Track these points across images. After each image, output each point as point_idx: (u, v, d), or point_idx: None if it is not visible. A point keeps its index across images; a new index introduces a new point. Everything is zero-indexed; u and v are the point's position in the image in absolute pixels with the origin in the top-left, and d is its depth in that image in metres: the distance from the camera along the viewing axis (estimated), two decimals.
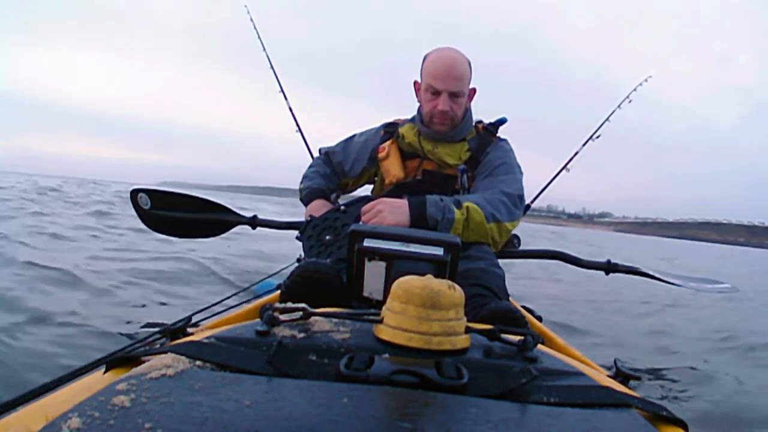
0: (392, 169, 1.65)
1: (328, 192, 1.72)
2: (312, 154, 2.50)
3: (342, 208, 1.45)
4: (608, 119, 2.69)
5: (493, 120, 1.68)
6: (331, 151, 1.83)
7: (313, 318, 0.63)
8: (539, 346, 0.64)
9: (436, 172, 1.62)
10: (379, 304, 0.86)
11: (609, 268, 1.92)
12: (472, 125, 1.65)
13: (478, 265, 1.34)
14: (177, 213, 2.04)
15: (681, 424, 0.51)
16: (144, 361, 0.52)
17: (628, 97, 2.74)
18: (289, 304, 0.64)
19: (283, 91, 2.80)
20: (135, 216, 2.09)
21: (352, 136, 1.82)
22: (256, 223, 2.09)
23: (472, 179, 1.58)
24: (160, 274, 3.28)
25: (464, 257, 1.33)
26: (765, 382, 2.09)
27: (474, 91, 1.61)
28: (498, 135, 1.66)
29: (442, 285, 0.58)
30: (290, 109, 2.77)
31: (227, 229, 2.13)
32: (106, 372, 0.55)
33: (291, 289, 1.02)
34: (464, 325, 0.59)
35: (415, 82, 1.62)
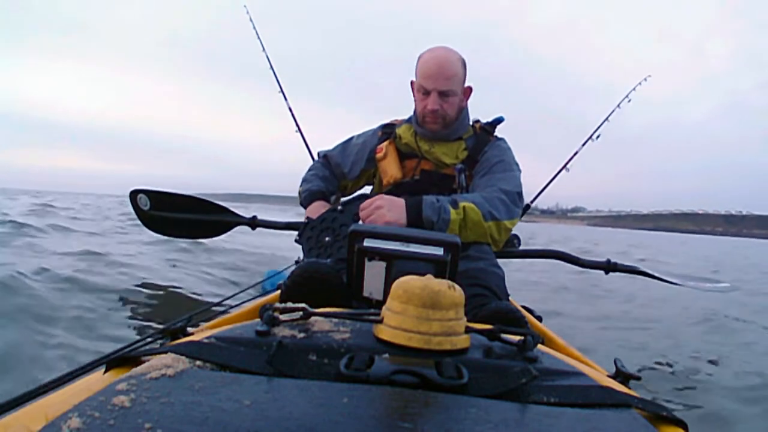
0: (390, 170, 1.65)
1: (327, 194, 1.72)
2: (312, 154, 2.51)
3: (339, 207, 1.44)
4: (608, 119, 2.69)
5: (490, 119, 1.69)
6: (330, 154, 1.84)
7: (313, 318, 0.63)
8: (539, 346, 0.64)
9: (434, 171, 1.62)
10: (379, 304, 0.86)
11: (609, 267, 1.92)
12: (469, 124, 1.65)
13: (478, 265, 1.34)
14: (177, 214, 2.04)
15: (681, 424, 0.51)
16: (144, 361, 0.52)
17: (627, 97, 2.75)
18: (289, 304, 0.64)
19: (282, 92, 2.81)
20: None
21: (350, 138, 1.82)
22: (255, 223, 2.10)
23: (470, 178, 1.58)
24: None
25: (464, 257, 1.33)
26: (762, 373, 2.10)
27: (470, 90, 1.61)
28: (495, 134, 1.66)
29: (442, 285, 0.58)
30: (290, 110, 2.78)
31: (227, 230, 2.13)
32: (106, 372, 0.55)
33: (291, 289, 1.02)
34: (464, 325, 0.59)
35: (412, 82, 1.62)
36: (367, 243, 0.92)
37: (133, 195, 2.07)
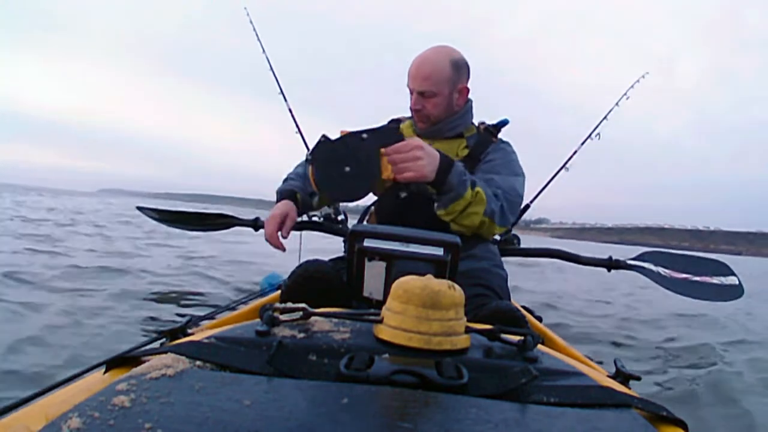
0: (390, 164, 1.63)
1: (303, 194, 1.56)
2: None
3: (364, 135, 1.20)
4: (606, 117, 2.68)
5: (495, 122, 1.68)
6: None
7: (313, 318, 0.63)
8: (539, 346, 0.64)
9: None
10: (379, 304, 0.86)
11: (611, 264, 1.91)
12: (470, 123, 1.65)
13: (482, 265, 1.33)
14: (182, 226, 2.20)
15: (681, 424, 0.51)
16: (144, 361, 0.52)
17: (625, 94, 2.74)
18: (289, 304, 0.64)
19: (282, 92, 2.80)
20: None
21: None
22: (258, 225, 2.11)
23: None
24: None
25: (468, 256, 1.32)
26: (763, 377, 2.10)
27: (466, 89, 1.60)
28: (500, 137, 1.66)
29: (442, 285, 0.58)
30: (290, 111, 2.77)
31: (230, 227, 2.21)
32: (106, 372, 0.55)
33: (291, 289, 1.02)
34: (464, 325, 0.59)
35: None
36: (367, 243, 0.92)
37: (140, 210, 2.26)
